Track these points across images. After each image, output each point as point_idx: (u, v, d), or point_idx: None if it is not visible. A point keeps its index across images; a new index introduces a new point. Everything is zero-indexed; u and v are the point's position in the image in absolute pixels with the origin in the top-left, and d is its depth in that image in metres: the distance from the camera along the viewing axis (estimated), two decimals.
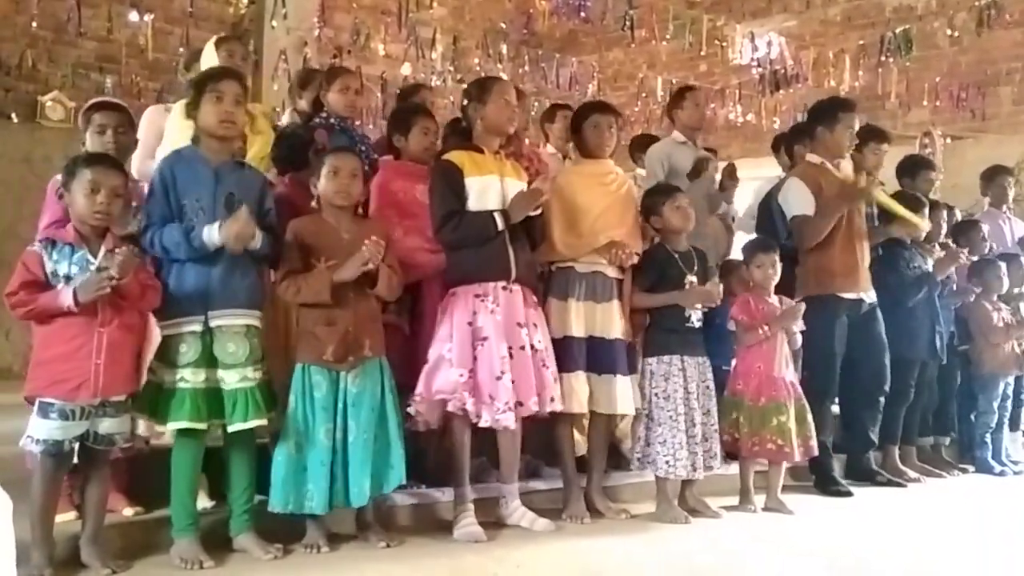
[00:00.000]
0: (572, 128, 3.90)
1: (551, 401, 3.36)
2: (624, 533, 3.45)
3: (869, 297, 4.51)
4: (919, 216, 4.62)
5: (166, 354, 2.84)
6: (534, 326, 3.40)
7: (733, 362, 4.06)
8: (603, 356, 3.61)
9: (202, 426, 2.83)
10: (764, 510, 3.94)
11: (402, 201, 3.57)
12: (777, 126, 8.21)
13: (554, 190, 3.70)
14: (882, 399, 4.59)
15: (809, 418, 4.03)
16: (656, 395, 3.66)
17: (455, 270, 3.38)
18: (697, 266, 3.78)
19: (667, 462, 3.62)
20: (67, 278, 2.62)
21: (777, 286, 4.08)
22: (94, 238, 2.70)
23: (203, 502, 3.05)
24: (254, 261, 2.99)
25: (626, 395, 3.62)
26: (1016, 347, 5.26)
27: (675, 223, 3.76)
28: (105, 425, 2.68)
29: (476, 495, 3.38)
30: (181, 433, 2.83)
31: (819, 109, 4.61)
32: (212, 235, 2.82)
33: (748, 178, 5.54)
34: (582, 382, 3.57)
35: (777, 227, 4.58)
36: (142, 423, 2.84)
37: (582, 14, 7.89)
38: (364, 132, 4.51)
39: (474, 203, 3.36)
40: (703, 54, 8.25)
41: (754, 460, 3.98)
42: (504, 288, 3.34)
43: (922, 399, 4.99)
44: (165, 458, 2.93)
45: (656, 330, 3.74)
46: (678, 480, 3.73)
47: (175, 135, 3.28)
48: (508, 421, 3.23)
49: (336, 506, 3.03)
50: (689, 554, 3.19)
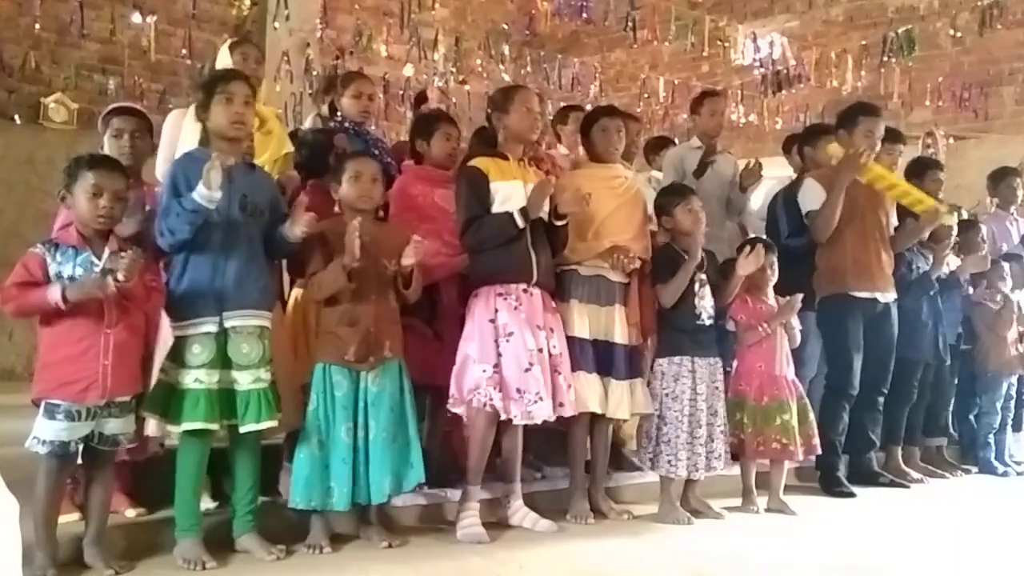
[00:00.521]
0: (581, 132, 3.92)
1: (560, 406, 3.37)
2: (627, 534, 3.45)
3: (884, 297, 4.49)
4: (932, 200, 4.59)
5: (179, 355, 2.84)
6: (550, 330, 3.41)
7: (733, 363, 4.06)
8: (603, 360, 3.62)
9: (215, 427, 2.84)
10: (767, 511, 3.94)
11: (421, 205, 3.61)
12: (779, 126, 8.22)
13: (560, 194, 3.71)
14: (880, 400, 4.59)
15: (811, 416, 4.03)
16: (666, 395, 3.67)
17: (478, 272, 3.42)
18: (707, 268, 3.78)
19: (668, 461, 3.63)
20: (71, 280, 2.62)
21: (790, 287, 4.06)
22: (97, 240, 2.70)
23: (206, 503, 3.05)
24: (270, 261, 3.00)
25: (621, 400, 3.62)
26: (1019, 347, 5.26)
27: (685, 225, 3.76)
28: (111, 426, 2.69)
29: (481, 495, 3.37)
30: (188, 434, 2.83)
31: (843, 114, 4.59)
32: (201, 192, 2.74)
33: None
34: (594, 383, 3.57)
35: (782, 228, 4.58)
36: (152, 425, 2.84)
37: (584, 15, 7.90)
38: (379, 136, 4.52)
39: (498, 208, 3.39)
40: (705, 55, 8.26)
41: (756, 461, 3.98)
42: (525, 291, 3.37)
43: (925, 400, 5.00)
44: (168, 459, 2.93)
45: (668, 330, 3.75)
46: (681, 481, 3.73)
47: (188, 137, 3.29)
48: (542, 411, 3.24)
49: (357, 503, 3.05)
50: (692, 555, 3.19)
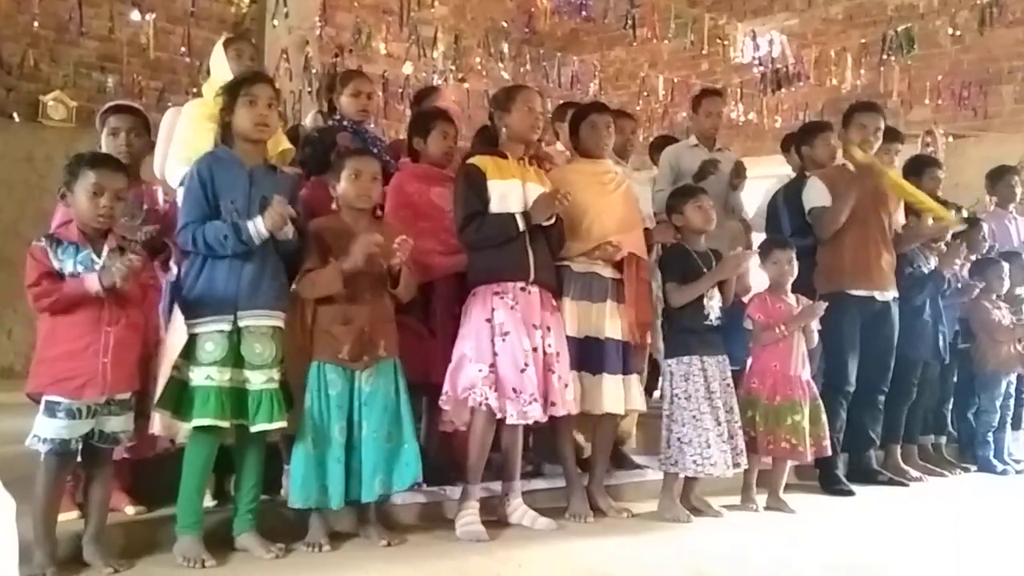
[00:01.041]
0: (570, 128, 3.92)
1: (552, 406, 3.36)
2: (626, 532, 3.45)
3: (883, 296, 4.50)
4: (941, 208, 4.59)
5: (192, 352, 2.84)
6: (547, 329, 3.41)
7: (748, 361, 4.07)
8: (593, 356, 3.62)
9: (225, 424, 2.84)
10: (766, 509, 3.94)
11: (417, 203, 3.61)
12: (779, 125, 8.22)
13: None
14: (881, 398, 4.60)
15: (823, 418, 4.03)
16: (677, 396, 3.67)
17: (476, 270, 3.42)
18: (715, 265, 3.77)
19: (695, 461, 3.61)
20: (73, 277, 2.62)
21: (792, 286, 4.08)
22: (97, 238, 2.70)
23: (206, 501, 3.05)
24: (284, 262, 3.01)
25: (615, 395, 3.61)
26: (1017, 346, 5.26)
27: (696, 222, 3.78)
28: (111, 424, 2.69)
29: (481, 493, 3.37)
30: (198, 431, 2.84)
31: (845, 113, 4.64)
32: (259, 227, 2.85)
33: (750, 177, 5.53)
34: (575, 381, 3.56)
35: (783, 225, 4.59)
36: (158, 422, 2.84)
37: (584, 13, 7.88)
38: (377, 135, 4.51)
39: (496, 206, 3.40)
40: (705, 53, 8.24)
41: (760, 459, 3.98)
42: (522, 289, 3.37)
43: (924, 398, 5.00)
44: (167, 457, 2.94)
45: (675, 331, 3.75)
46: (682, 479, 3.73)
47: (190, 134, 3.29)
48: (535, 412, 3.25)
49: (350, 501, 3.06)
50: (691, 554, 3.19)
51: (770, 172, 5.27)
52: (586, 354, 3.61)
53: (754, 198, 5.31)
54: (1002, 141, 7.46)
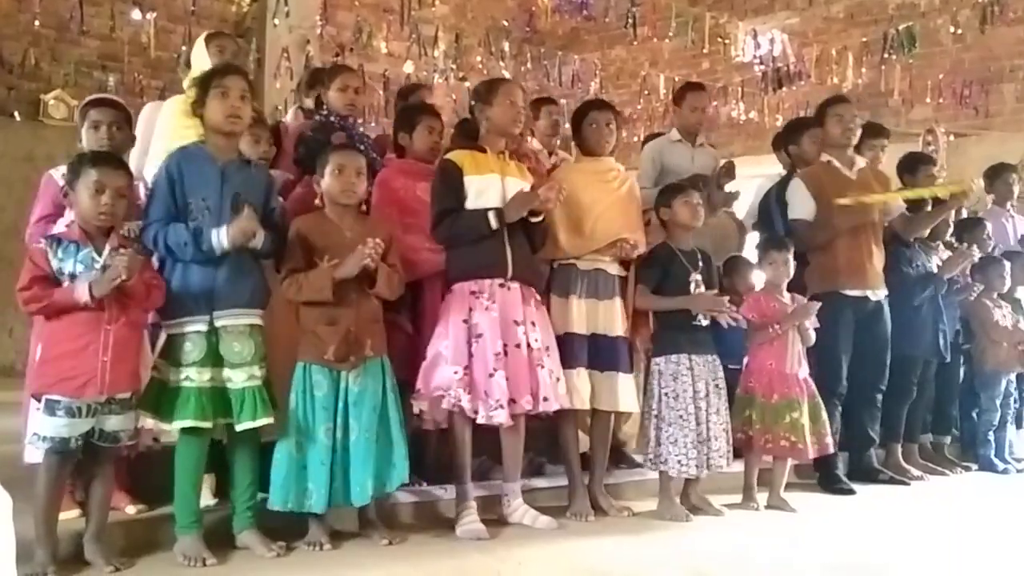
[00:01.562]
0: (572, 127, 3.91)
1: (544, 401, 3.33)
2: (627, 531, 3.44)
3: (876, 295, 4.49)
4: (942, 186, 4.59)
5: (171, 353, 2.84)
6: (532, 324, 3.39)
7: (744, 360, 4.06)
8: (606, 353, 3.61)
9: (207, 425, 2.83)
10: (767, 508, 3.94)
11: (403, 199, 3.58)
12: (780, 124, 8.21)
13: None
14: (879, 396, 4.59)
15: (824, 416, 4.03)
16: (666, 394, 3.66)
17: (453, 267, 3.40)
18: (702, 266, 3.77)
19: (679, 461, 3.61)
20: (72, 276, 2.63)
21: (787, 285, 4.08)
22: (99, 236, 2.70)
23: (206, 499, 3.05)
24: (257, 260, 2.99)
25: (628, 393, 3.62)
26: (1018, 347, 5.25)
27: (683, 217, 3.75)
28: (111, 423, 2.69)
29: (478, 493, 3.39)
30: (185, 431, 2.84)
31: (816, 110, 4.68)
32: (221, 238, 2.82)
33: (751, 176, 5.53)
34: (584, 379, 3.57)
35: (776, 226, 4.58)
36: (149, 420, 2.85)
37: (584, 11, 7.88)
38: (364, 130, 4.49)
39: (473, 202, 3.37)
40: (706, 52, 8.23)
41: (760, 458, 3.98)
42: (501, 285, 3.34)
43: (925, 397, 4.99)
44: (168, 456, 2.93)
45: (664, 329, 3.74)
46: (682, 478, 3.73)
47: (171, 131, 3.27)
48: (500, 417, 3.22)
49: (336, 505, 3.03)
50: (692, 553, 3.19)
51: (772, 171, 5.24)
52: (596, 352, 3.60)
53: (746, 197, 5.28)
54: (1003, 140, 7.46)
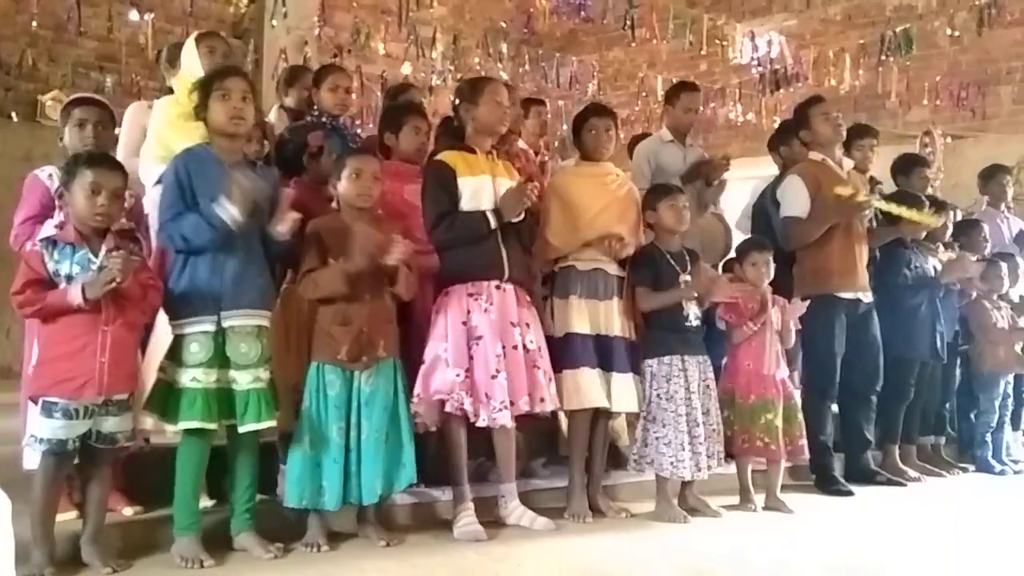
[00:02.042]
0: (572, 131, 3.92)
1: (541, 401, 3.35)
2: (624, 532, 3.45)
3: (867, 297, 4.50)
4: (924, 214, 4.61)
5: (177, 354, 2.84)
6: (526, 326, 3.40)
7: (724, 360, 4.07)
8: (604, 354, 3.62)
9: (212, 426, 2.83)
10: (764, 509, 3.94)
11: (390, 202, 3.52)
12: (777, 125, 8.21)
13: (552, 191, 3.71)
14: (874, 398, 4.60)
15: (799, 418, 4.03)
16: (658, 396, 3.66)
17: (448, 269, 3.38)
18: (690, 266, 3.77)
19: (671, 463, 3.61)
20: (68, 278, 2.62)
21: (775, 285, 4.08)
22: (94, 238, 2.69)
23: (203, 502, 3.04)
24: (268, 260, 3.00)
25: (627, 393, 3.62)
26: (1016, 348, 5.26)
27: (668, 221, 3.76)
28: (108, 424, 2.68)
29: (475, 494, 3.39)
30: (188, 432, 2.83)
31: (794, 115, 4.71)
32: (227, 207, 2.80)
33: (748, 177, 5.53)
34: (592, 377, 3.56)
35: (772, 225, 4.58)
36: (148, 421, 2.84)
37: (582, 13, 7.88)
38: (356, 131, 4.47)
39: (467, 204, 3.37)
40: (703, 53, 8.24)
41: (750, 459, 3.98)
42: (497, 287, 3.35)
43: (922, 399, 5.00)
44: (165, 457, 2.93)
45: (655, 330, 3.73)
46: (679, 480, 3.73)
47: (167, 133, 3.26)
48: (504, 419, 3.23)
49: (348, 503, 3.05)
50: (689, 554, 3.19)
51: (770, 173, 5.25)
52: (596, 352, 3.60)
53: (741, 198, 5.29)
54: (1000, 142, 7.47)
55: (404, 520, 3.40)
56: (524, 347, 3.35)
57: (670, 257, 3.75)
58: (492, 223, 3.33)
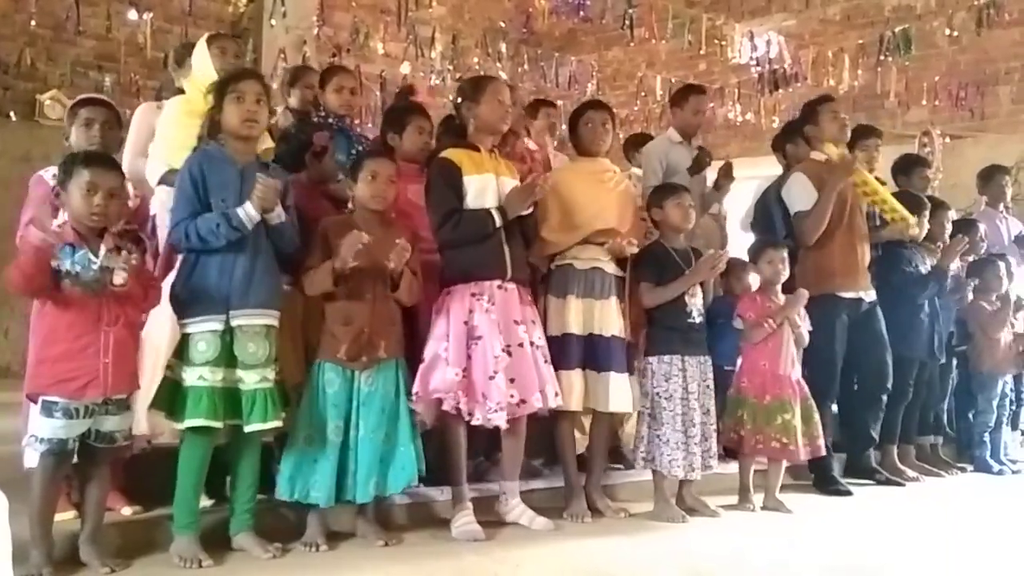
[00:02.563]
0: (569, 127, 3.92)
1: (555, 396, 3.37)
2: (623, 532, 3.45)
3: (868, 296, 4.51)
4: (915, 216, 4.62)
5: (184, 352, 2.84)
6: (532, 323, 3.41)
7: (738, 361, 4.06)
8: (600, 354, 3.61)
9: (218, 424, 2.83)
10: (763, 509, 3.94)
11: (394, 202, 3.55)
12: (776, 125, 8.22)
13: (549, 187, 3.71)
14: (884, 397, 4.60)
15: (816, 417, 4.03)
16: (658, 394, 3.66)
17: (451, 268, 3.38)
18: (695, 264, 3.76)
19: (670, 461, 3.62)
20: (69, 275, 2.60)
21: (785, 286, 4.08)
22: (92, 237, 2.68)
23: (202, 501, 3.04)
24: (277, 261, 3.00)
25: (621, 393, 3.61)
26: (1014, 347, 5.26)
27: (674, 219, 3.77)
28: (108, 423, 2.68)
29: (474, 494, 3.39)
30: (192, 431, 2.83)
31: (802, 112, 4.71)
32: (248, 210, 2.82)
33: (747, 177, 5.52)
34: (578, 380, 3.57)
35: (776, 225, 4.58)
36: (144, 422, 2.84)
37: (581, 13, 7.89)
38: (362, 131, 4.48)
39: (472, 202, 3.36)
40: (702, 53, 8.25)
41: (754, 459, 3.98)
42: (499, 287, 3.35)
43: (921, 398, 5.00)
44: (163, 457, 2.93)
45: (657, 329, 3.73)
46: (676, 479, 3.73)
47: (174, 132, 3.26)
48: (499, 420, 3.23)
49: (342, 502, 3.05)
50: (688, 554, 3.19)
51: (769, 172, 5.25)
52: (591, 352, 3.60)
53: (743, 198, 5.29)
54: (999, 142, 7.48)
55: (402, 520, 3.40)
56: (532, 343, 3.35)
57: (675, 255, 3.76)
58: (497, 221, 3.34)
